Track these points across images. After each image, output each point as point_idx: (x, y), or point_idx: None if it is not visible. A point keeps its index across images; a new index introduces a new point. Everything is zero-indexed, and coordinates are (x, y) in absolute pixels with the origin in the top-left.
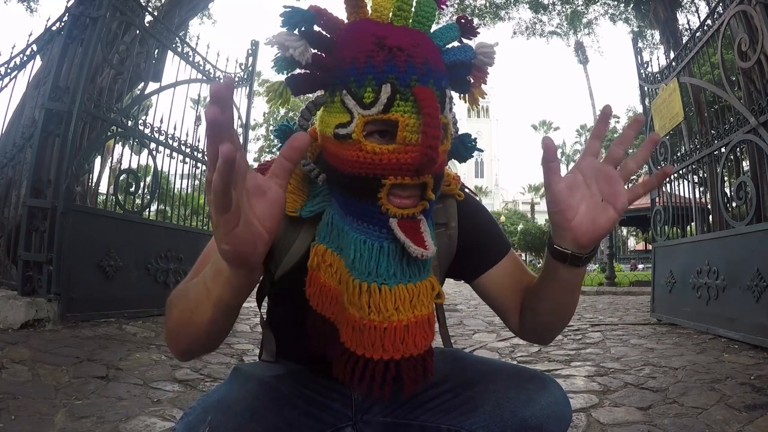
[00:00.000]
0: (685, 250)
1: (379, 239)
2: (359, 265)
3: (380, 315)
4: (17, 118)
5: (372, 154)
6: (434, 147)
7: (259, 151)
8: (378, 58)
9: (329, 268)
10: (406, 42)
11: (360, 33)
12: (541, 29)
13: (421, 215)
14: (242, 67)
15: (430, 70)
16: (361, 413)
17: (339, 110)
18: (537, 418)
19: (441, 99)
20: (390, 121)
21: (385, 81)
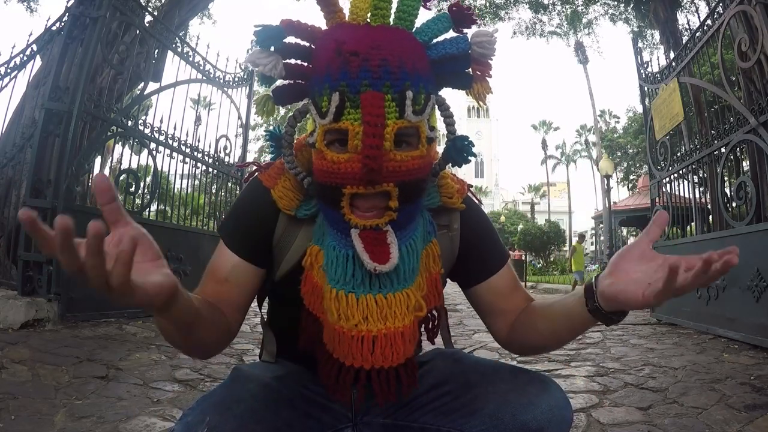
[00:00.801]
0: (685, 250)
1: (345, 247)
2: (330, 270)
3: (348, 323)
4: (17, 118)
5: (331, 163)
6: (373, 156)
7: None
8: (334, 66)
9: (321, 269)
10: (365, 45)
11: (326, 40)
12: (541, 29)
13: (388, 226)
14: (242, 67)
15: (387, 72)
16: (361, 415)
17: (311, 119)
18: (537, 421)
19: (399, 102)
20: (342, 130)
21: (336, 89)
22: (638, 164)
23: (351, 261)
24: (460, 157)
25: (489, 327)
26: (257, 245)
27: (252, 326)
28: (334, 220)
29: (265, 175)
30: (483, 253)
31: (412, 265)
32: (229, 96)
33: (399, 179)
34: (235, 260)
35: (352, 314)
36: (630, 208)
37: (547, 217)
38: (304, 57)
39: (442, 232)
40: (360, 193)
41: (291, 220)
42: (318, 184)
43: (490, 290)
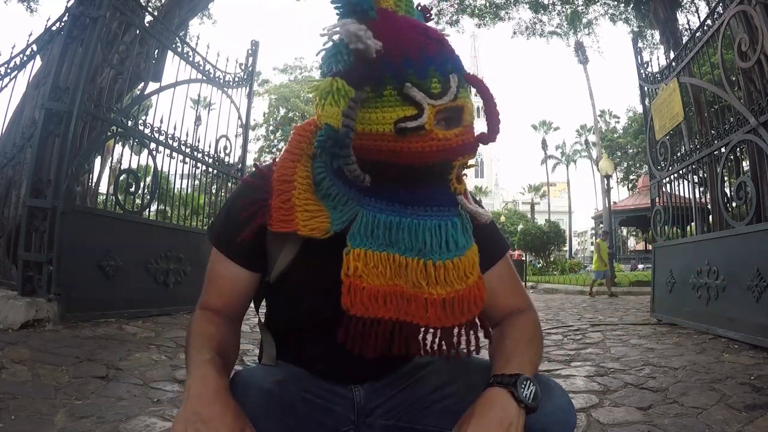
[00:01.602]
0: (685, 250)
1: (449, 218)
2: (415, 244)
3: (440, 288)
4: (17, 118)
5: (444, 141)
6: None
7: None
8: (432, 50)
9: (374, 270)
10: (438, 33)
11: (399, 24)
12: (541, 29)
13: None
14: (242, 67)
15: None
16: (364, 416)
17: (396, 104)
18: (541, 424)
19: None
20: (456, 108)
21: (449, 71)
22: (638, 164)
23: (435, 231)
24: None
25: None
26: (253, 251)
27: (252, 326)
28: (433, 197)
29: (278, 224)
30: (485, 242)
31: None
32: (229, 96)
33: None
34: (235, 270)
35: (443, 278)
36: (630, 208)
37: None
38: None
39: None
40: (465, 162)
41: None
42: (415, 170)
43: (492, 282)
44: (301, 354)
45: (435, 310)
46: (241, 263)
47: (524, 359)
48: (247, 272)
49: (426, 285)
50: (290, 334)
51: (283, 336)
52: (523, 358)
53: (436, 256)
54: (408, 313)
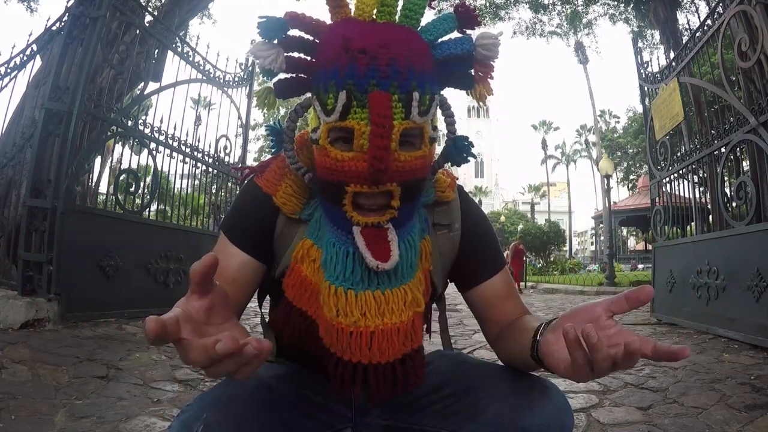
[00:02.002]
0: (685, 250)
1: (346, 244)
2: (329, 267)
3: (347, 319)
4: (17, 118)
5: (334, 161)
6: (380, 158)
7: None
8: (341, 63)
9: (313, 263)
10: (372, 43)
11: (332, 36)
12: (541, 29)
13: (388, 224)
14: (242, 67)
15: (395, 72)
16: (361, 415)
17: (314, 115)
18: (538, 425)
19: (406, 102)
20: (348, 129)
21: (343, 87)
22: (638, 164)
23: (351, 258)
24: (460, 157)
25: (483, 331)
26: (260, 241)
27: (252, 326)
28: (335, 217)
29: (263, 180)
30: (480, 255)
31: (411, 261)
32: (229, 96)
33: (402, 179)
34: (241, 257)
35: (351, 311)
36: (630, 208)
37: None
38: (308, 51)
39: (443, 233)
40: (363, 191)
41: (290, 219)
42: (320, 181)
43: (486, 295)
44: (300, 352)
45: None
46: (246, 250)
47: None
48: (251, 260)
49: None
50: None
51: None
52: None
53: (332, 280)
54: (319, 317)
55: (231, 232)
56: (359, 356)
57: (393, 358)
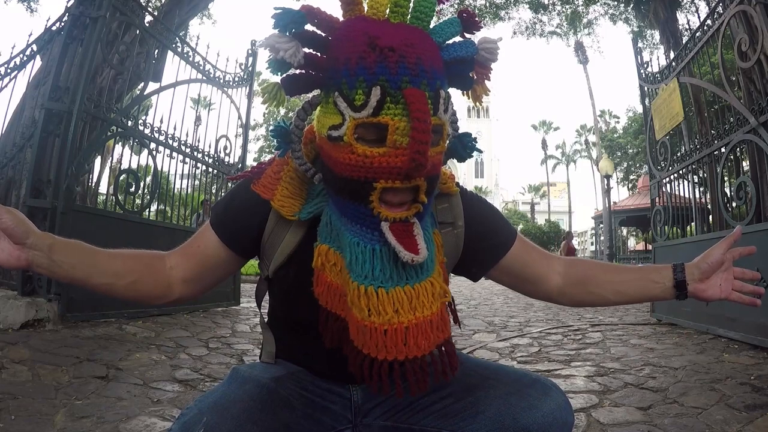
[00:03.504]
0: (685, 250)
1: (371, 242)
2: (356, 267)
3: (380, 318)
4: (17, 118)
5: (363, 158)
6: (423, 152)
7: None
8: (369, 60)
9: (334, 267)
10: (399, 41)
11: (353, 32)
12: (541, 29)
13: (414, 218)
14: (242, 67)
15: (423, 71)
16: (361, 416)
17: (332, 111)
18: (539, 425)
19: (434, 100)
20: (380, 125)
21: (375, 83)
22: (638, 164)
23: (378, 255)
24: (465, 153)
25: (533, 293)
26: (248, 242)
27: (252, 326)
28: (357, 215)
29: (260, 186)
30: (491, 235)
31: (432, 254)
32: (229, 96)
33: (429, 174)
34: (215, 242)
35: (384, 309)
36: (630, 208)
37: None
38: (320, 47)
39: (447, 230)
40: (394, 187)
41: (280, 218)
42: (340, 179)
43: (515, 261)
44: (299, 353)
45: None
46: (233, 248)
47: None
48: (234, 255)
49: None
50: (290, 332)
51: (283, 334)
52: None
53: (361, 280)
54: (348, 320)
55: (221, 230)
56: (395, 353)
57: (428, 351)
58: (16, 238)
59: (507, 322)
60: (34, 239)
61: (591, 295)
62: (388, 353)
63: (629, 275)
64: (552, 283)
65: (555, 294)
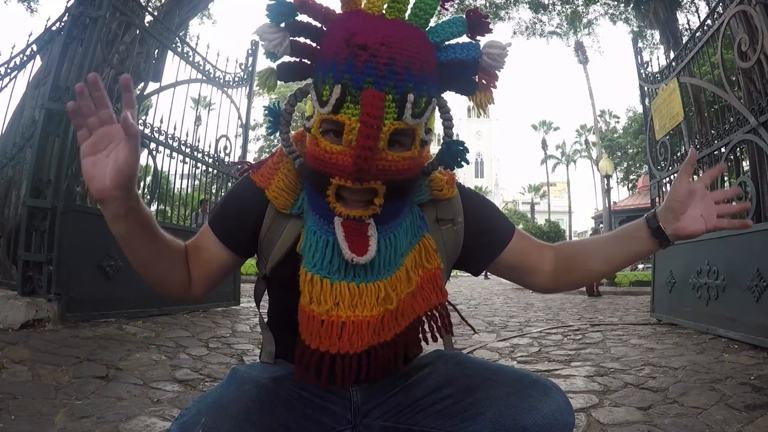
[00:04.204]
0: (685, 250)
1: (327, 234)
2: (308, 255)
3: (320, 307)
4: (17, 118)
5: (323, 152)
6: (365, 157)
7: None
8: (340, 57)
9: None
10: (375, 40)
11: (337, 27)
12: (541, 29)
13: (370, 219)
14: (242, 67)
15: (392, 72)
16: (361, 417)
17: (311, 103)
18: (539, 426)
19: (400, 103)
20: (339, 122)
21: (339, 80)
22: (638, 164)
23: (330, 247)
24: (453, 161)
25: (529, 285)
26: (241, 237)
27: (252, 326)
28: (319, 205)
29: (258, 175)
30: (490, 231)
31: (389, 258)
32: (229, 96)
33: (388, 178)
34: (220, 249)
35: (324, 299)
36: (630, 208)
37: (547, 217)
38: (314, 37)
39: (447, 227)
40: (349, 186)
41: (279, 214)
42: (308, 169)
43: (513, 255)
44: None
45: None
46: (222, 239)
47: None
48: (231, 253)
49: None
50: (289, 333)
51: (282, 334)
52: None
53: (309, 267)
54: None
55: (217, 226)
56: (328, 345)
57: (360, 350)
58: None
59: (507, 322)
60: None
61: (582, 272)
62: (321, 344)
63: (611, 242)
64: (546, 272)
65: (550, 282)
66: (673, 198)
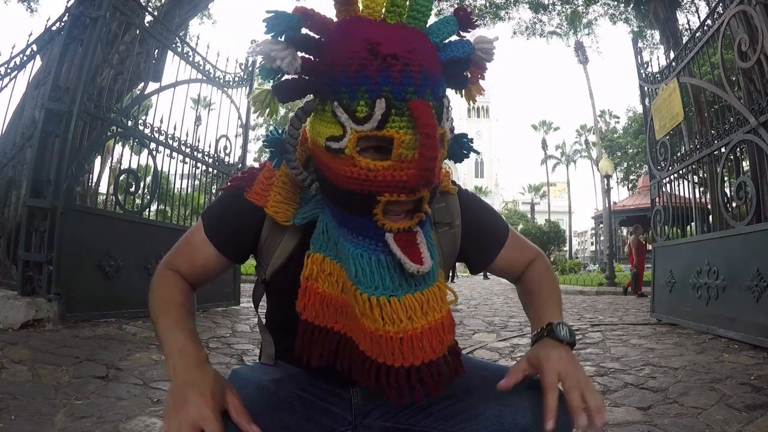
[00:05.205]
0: (685, 250)
1: (375, 252)
2: (363, 279)
3: (395, 326)
4: (17, 118)
5: (366, 171)
6: (431, 168)
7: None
8: (371, 69)
9: (329, 277)
10: (401, 48)
11: (351, 36)
12: (541, 29)
13: (417, 227)
14: (242, 67)
15: (426, 79)
16: (361, 417)
17: (330, 121)
18: (539, 426)
19: (438, 110)
20: (385, 138)
21: (379, 95)
22: (638, 164)
23: (384, 265)
24: (461, 153)
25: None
26: (241, 249)
27: (252, 326)
28: (359, 226)
29: (253, 194)
30: (488, 236)
31: (435, 259)
32: (229, 96)
33: (433, 185)
34: (217, 257)
35: (398, 317)
36: (630, 208)
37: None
38: (314, 50)
39: (444, 230)
40: (399, 200)
41: (276, 224)
42: (340, 191)
43: (502, 263)
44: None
45: (372, 344)
46: (221, 250)
47: (551, 309)
48: (221, 256)
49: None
50: (288, 334)
51: (282, 336)
52: (550, 308)
53: (371, 291)
54: (353, 331)
55: (214, 237)
56: (411, 359)
57: (443, 353)
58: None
59: (507, 322)
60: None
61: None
62: (405, 360)
63: (530, 312)
64: (520, 277)
65: (518, 284)
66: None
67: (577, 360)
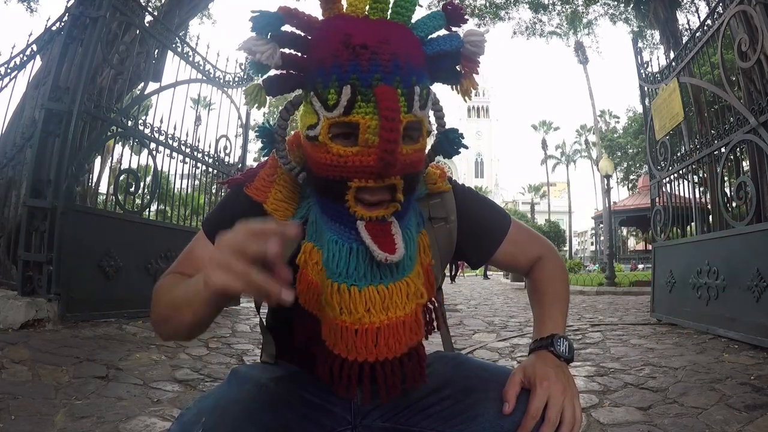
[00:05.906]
0: (685, 250)
1: (348, 241)
2: (332, 265)
3: (351, 316)
4: (17, 118)
5: (337, 157)
6: (391, 150)
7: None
8: (342, 58)
9: (315, 266)
10: (373, 39)
11: (329, 31)
12: (541, 29)
13: (392, 217)
14: (242, 67)
15: (397, 67)
16: (361, 417)
17: (310, 111)
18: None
19: (408, 97)
20: (352, 123)
21: (347, 82)
22: (638, 164)
23: (354, 254)
24: (451, 149)
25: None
26: None
27: (252, 326)
28: (336, 213)
29: (253, 189)
30: (484, 230)
31: (410, 253)
32: (229, 96)
33: (405, 172)
34: (212, 249)
35: (355, 307)
36: (630, 208)
37: (547, 217)
38: (300, 47)
39: (440, 225)
40: (368, 186)
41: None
42: (318, 178)
43: (503, 258)
44: (298, 353)
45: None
46: None
47: (554, 317)
48: None
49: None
50: (289, 335)
51: (282, 336)
52: (553, 316)
53: (335, 278)
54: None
55: (213, 233)
56: (365, 354)
57: (400, 353)
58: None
59: (507, 322)
60: None
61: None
62: (359, 354)
63: (534, 312)
64: (528, 273)
65: (527, 279)
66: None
67: (572, 383)
